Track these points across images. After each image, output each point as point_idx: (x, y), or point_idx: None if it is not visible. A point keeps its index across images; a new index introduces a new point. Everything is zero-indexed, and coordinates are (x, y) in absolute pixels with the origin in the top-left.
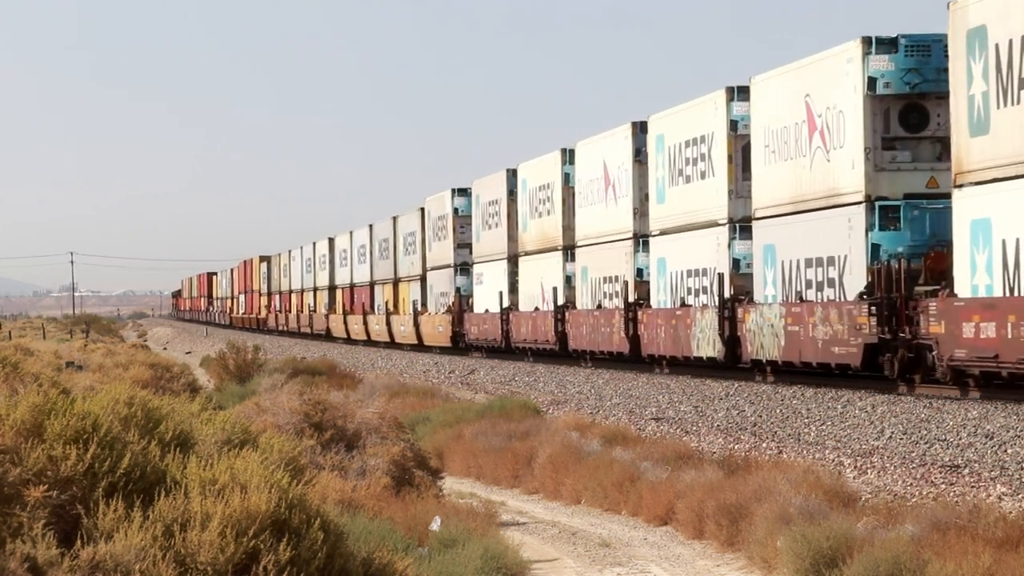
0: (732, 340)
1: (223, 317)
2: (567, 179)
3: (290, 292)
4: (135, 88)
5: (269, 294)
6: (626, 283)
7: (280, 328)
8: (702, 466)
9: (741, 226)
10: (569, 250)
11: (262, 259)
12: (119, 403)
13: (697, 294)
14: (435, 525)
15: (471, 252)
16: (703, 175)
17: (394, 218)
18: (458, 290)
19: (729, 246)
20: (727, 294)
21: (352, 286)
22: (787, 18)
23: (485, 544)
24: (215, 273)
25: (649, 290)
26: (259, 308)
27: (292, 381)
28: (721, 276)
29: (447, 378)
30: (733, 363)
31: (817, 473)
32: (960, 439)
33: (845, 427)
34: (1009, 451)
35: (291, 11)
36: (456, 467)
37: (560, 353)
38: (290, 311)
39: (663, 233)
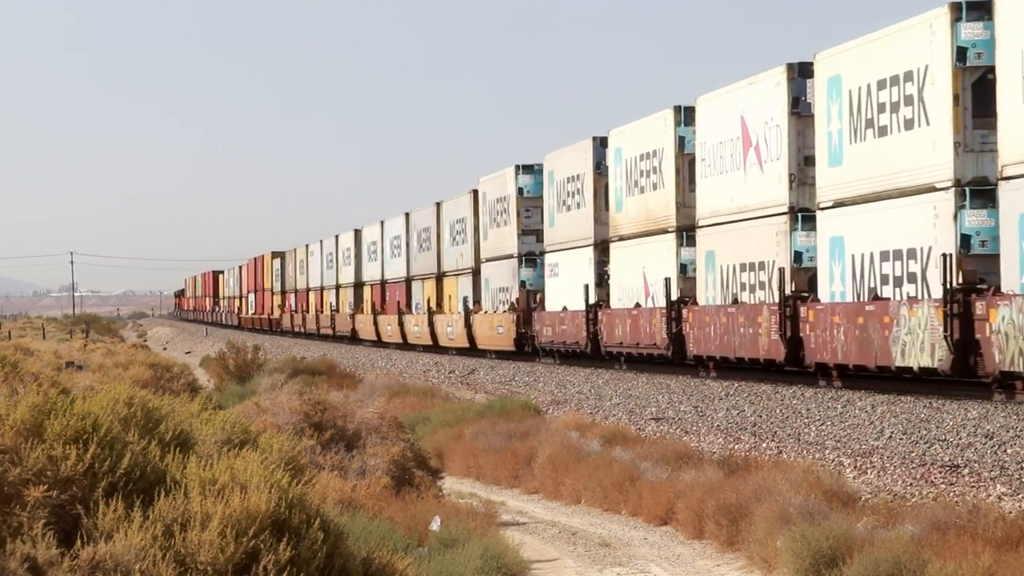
0: (963, 344)
1: (230, 317)
2: (682, 144)
3: (308, 290)
4: (135, 88)
5: (283, 293)
6: (781, 271)
7: (296, 329)
8: (702, 466)
9: (972, 191)
10: (685, 232)
11: (275, 255)
12: (119, 403)
13: (897, 284)
14: (435, 525)
15: (540, 239)
16: (908, 124)
17: (437, 204)
18: (523, 284)
19: (957, 218)
20: (955, 283)
21: (384, 283)
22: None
23: (485, 544)
24: (221, 271)
25: (815, 278)
26: (271, 308)
27: (292, 381)
28: (947, 258)
29: (447, 378)
30: (964, 375)
31: (817, 473)
32: (960, 439)
33: (845, 427)
34: (1009, 451)
35: (290, 9)
36: (456, 467)
37: (673, 360)
38: (308, 311)
39: (839, 205)
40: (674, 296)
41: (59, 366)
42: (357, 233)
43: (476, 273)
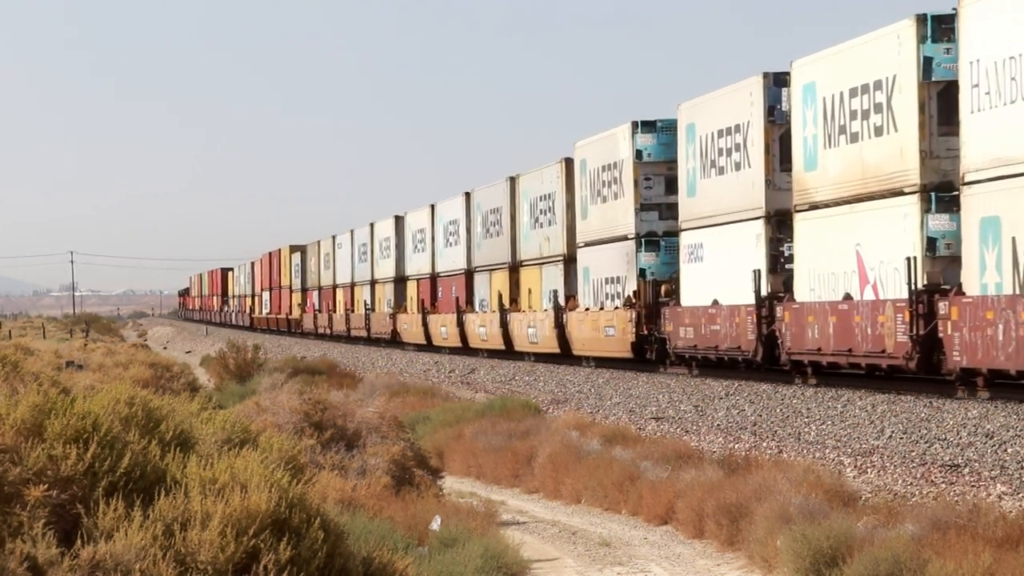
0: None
1: (241, 318)
2: (928, 67)
3: (335, 287)
4: (135, 88)
5: (304, 290)
6: None
7: (321, 330)
8: (702, 465)
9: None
10: (935, 192)
11: (293, 249)
12: (119, 403)
13: None
14: (435, 524)
15: (666, 216)
16: None
17: (511, 179)
18: (642, 273)
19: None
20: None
21: (435, 276)
22: None
23: (485, 543)
24: (231, 268)
25: None
26: (290, 307)
27: (292, 380)
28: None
29: (447, 377)
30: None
31: (817, 472)
32: (960, 438)
33: (845, 426)
34: (1009, 450)
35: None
36: (456, 466)
37: (919, 374)
38: (335, 310)
39: None
40: (919, 283)
41: (59, 365)
42: (399, 220)
43: (569, 261)
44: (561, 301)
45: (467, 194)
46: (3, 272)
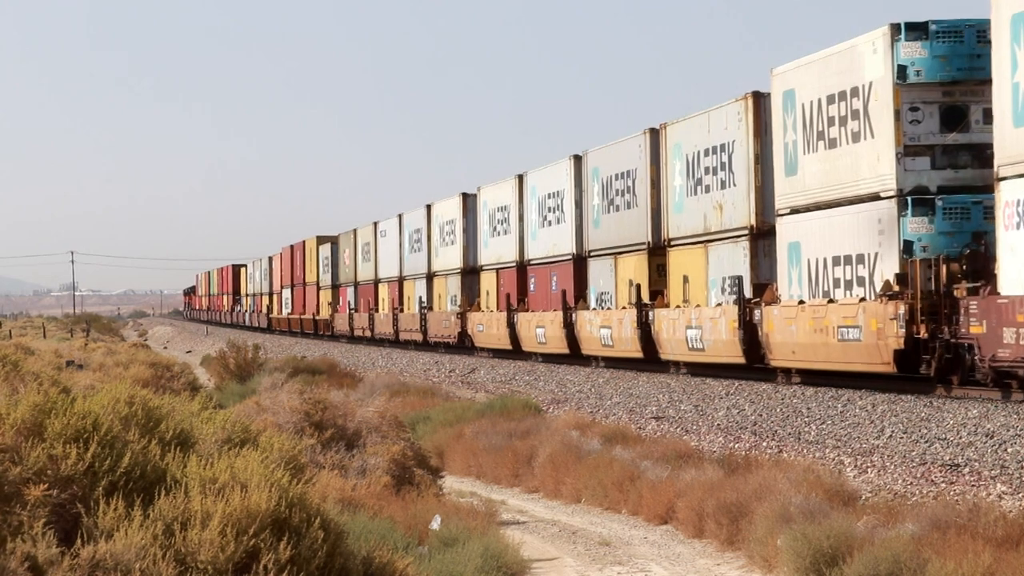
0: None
1: (257, 318)
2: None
3: (376, 282)
4: (136, 88)
5: (335, 287)
6: None
7: (358, 332)
8: (702, 465)
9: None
10: None
11: (322, 240)
12: (119, 402)
13: None
14: (435, 524)
15: (941, 163)
16: None
17: (654, 130)
18: (907, 248)
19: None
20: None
21: (524, 264)
22: None
23: (485, 543)
24: (244, 265)
25: None
26: (316, 306)
27: (292, 380)
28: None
29: (447, 377)
30: None
31: (817, 472)
32: (960, 438)
33: (845, 426)
34: (1009, 450)
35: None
36: (456, 466)
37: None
38: (378, 309)
39: None
40: None
41: (60, 365)
42: (467, 199)
43: (759, 236)
44: (747, 291)
45: (576, 157)
46: (3, 272)
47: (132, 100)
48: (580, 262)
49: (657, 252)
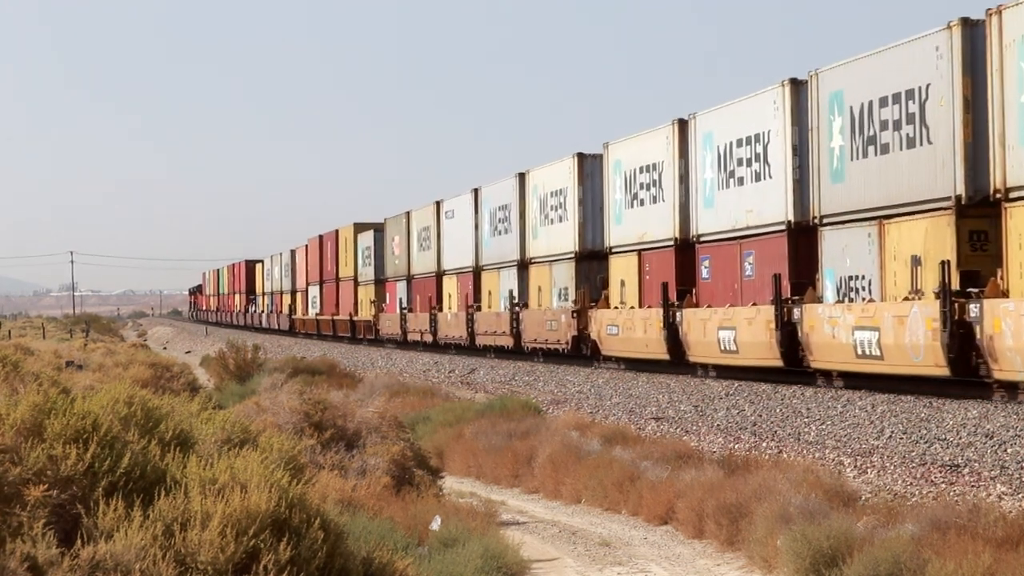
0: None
1: (277, 320)
2: None
3: (439, 275)
4: (138, 87)
5: (380, 281)
6: None
7: (414, 335)
8: (702, 465)
9: None
10: None
11: (361, 228)
12: (119, 402)
13: None
14: (435, 524)
15: None
16: None
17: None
18: None
19: None
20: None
21: (687, 241)
22: None
23: (485, 543)
24: (259, 260)
25: None
26: (354, 304)
27: (292, 380)
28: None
29: (447, 377)
30: None
31: (817, 472)
32: (960, 438)
33: (845, 426)
34: (1009, 450)
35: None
36: (456, 466)
37: None
38: (440, 307)
39: None
40: None
41: (59, 365)
42: (583, 161)
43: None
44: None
45: (793, 81)
46: (3, 272)
47: (136, 100)
48: (799, 233)
49: (970, 212)
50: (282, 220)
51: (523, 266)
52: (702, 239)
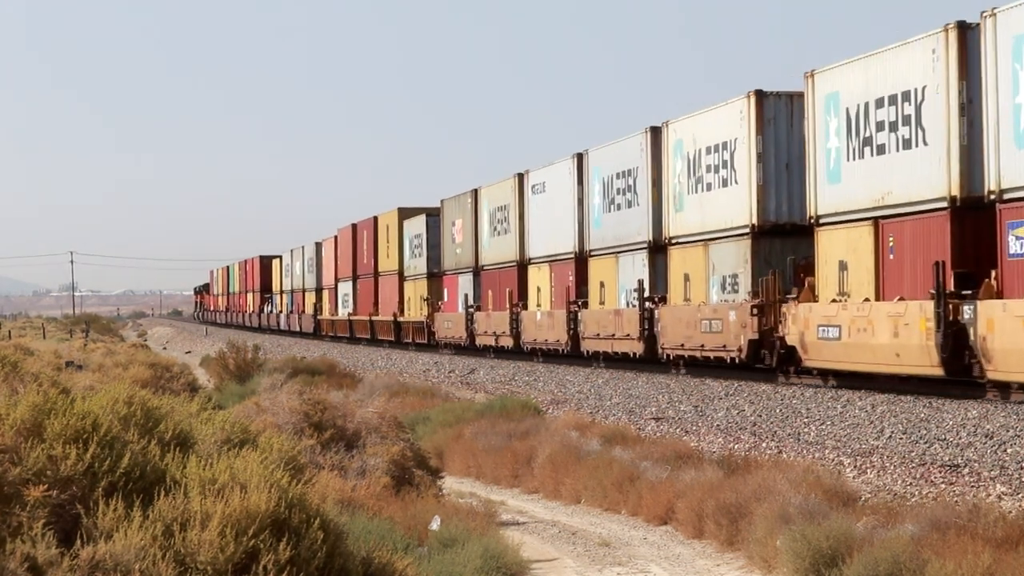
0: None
1: (298, 321)
2: None
3: (523, 264)
4: (138, 88)
5: (434, 276)
6: None
7: (484, 340)
8: (702, 466)
9: None
10: None
11: (407, 214)
12: (119, 403)
13: None
14: (435, 524)
15: None
16: None
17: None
18: None
19: None
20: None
21: (993, 199)
22: None
23: (485, 543)
24: (277, 256)
25: None
26: (401, 303)
27: (292, 380)
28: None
29: (447, 377)
30: None
31: (817, 473)
32: (960, 439)
33: (845, 427)
34: (1009, 451)
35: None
36: (456, 467)
37: None
38: (524, 305)
39: None
40: None
41: (59, 366)
42: (760, 97)
43: None
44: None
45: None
46: (3, 272)
47: (137, 100)
48: None
49: None
50: (282, 220)
51: (657, 248)
52: (1007, 196)
